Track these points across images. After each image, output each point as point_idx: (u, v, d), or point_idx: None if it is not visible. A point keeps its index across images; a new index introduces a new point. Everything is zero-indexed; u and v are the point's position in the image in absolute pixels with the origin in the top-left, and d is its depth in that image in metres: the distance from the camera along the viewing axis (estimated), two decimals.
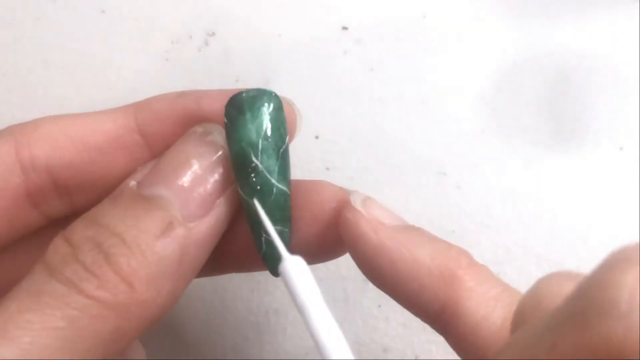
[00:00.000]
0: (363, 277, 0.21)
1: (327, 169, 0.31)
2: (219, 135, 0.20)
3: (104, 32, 0.32)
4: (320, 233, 0.21)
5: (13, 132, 0.21)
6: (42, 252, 0.21)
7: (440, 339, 0.20)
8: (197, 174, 0.19)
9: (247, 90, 0.20)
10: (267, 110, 0.20)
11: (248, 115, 0.19)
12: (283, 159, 0.20)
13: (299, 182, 0.21)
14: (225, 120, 0.20)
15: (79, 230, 0.18)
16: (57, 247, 0.18)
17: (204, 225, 0.19)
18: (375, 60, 0.32)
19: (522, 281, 0.30)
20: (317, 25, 0.32)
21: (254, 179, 0.19)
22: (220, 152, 0.20)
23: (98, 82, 0.32)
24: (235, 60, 0.32)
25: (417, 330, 0.30)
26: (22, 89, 0.32)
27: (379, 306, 0.30)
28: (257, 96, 0.20)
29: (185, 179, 0.19)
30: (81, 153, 0.21)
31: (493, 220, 0.30)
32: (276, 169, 0.20)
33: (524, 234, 0.30)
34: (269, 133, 0.20)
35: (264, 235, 0.20)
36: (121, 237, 0.18)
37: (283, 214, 0.20)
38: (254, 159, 0.19)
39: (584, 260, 0.30)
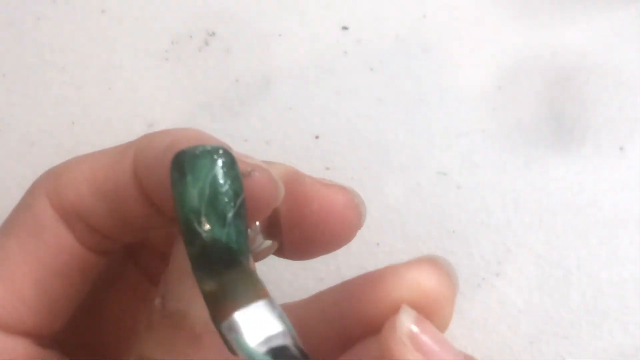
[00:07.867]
0: None
1: (327, 168, 0.31)
2: None
3: (104, 32, 0.32)
4: (309, 236, 0.20)
5: (44, 182, 0.21)
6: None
7: None
8: None
9: (191, 148, 0.17)
10: (210, 171, 0.17)
11: (189, 178, 0.17)
12: (233, 225, 0.17)
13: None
14: (170, 183, 0.17)
15: None
16: None
17: None
18: (375, 60, 0.32)
19: (522, 281, 0.30)
20: (317, 25, 0.32)
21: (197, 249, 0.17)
22: None
23: (98, 82, 0.32)
24: (235, 60, 0.32)
25: None
26: (22, 89, 0.32)
27: None
28: (200, 155, 0.17)
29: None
30: (99, 200, 0.20)
31: (493, 220, 0.30)
32: (223, 237, 0.17)
33: (524, 234, 0.30)
34: (212, 196, 0.17)
35: None
36: None
37: None
38: (196, 227, 0.17)
39: (584, 260, 0.30)
